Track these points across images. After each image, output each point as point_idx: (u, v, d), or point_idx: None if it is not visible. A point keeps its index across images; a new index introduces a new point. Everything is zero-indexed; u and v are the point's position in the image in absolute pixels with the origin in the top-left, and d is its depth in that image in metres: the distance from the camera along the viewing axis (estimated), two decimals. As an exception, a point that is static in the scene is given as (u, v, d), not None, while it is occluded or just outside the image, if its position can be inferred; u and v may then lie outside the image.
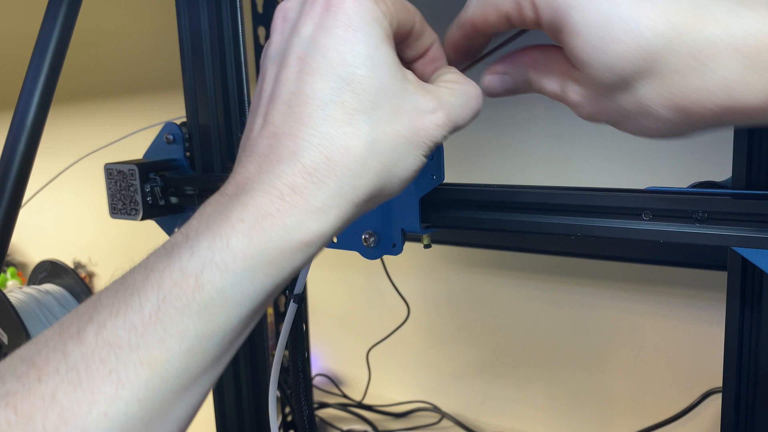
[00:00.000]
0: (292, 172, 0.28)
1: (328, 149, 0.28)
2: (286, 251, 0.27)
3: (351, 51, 0.28)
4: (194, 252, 0.27)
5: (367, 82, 0.29)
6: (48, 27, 0.52)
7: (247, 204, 0.27)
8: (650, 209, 0.36)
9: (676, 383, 0.81)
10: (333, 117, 0.28)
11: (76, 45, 0.55)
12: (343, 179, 0.28)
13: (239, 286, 0.27)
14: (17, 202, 0.52)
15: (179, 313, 0.26)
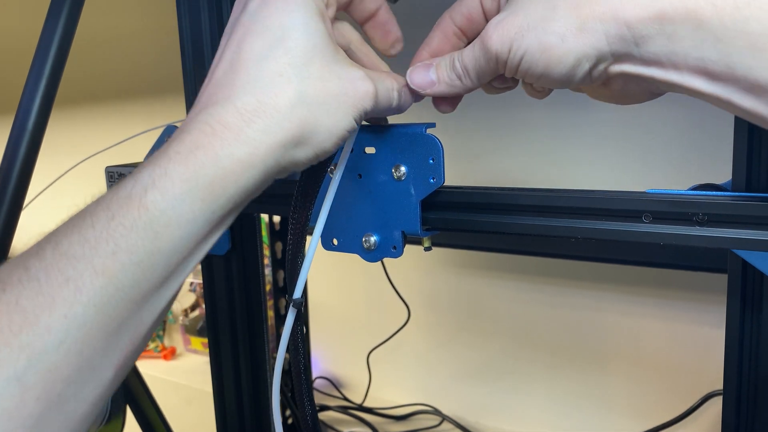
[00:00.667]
0: (225, 112, 0.32)
1: (259, 94, 0.32)
2: (218, 177, 0.31)
3: (287, 17, 0.33)
4: (137, 180, 0.31)
5: (300, 43, 0.33)
6: (49, 30, 0.52)
7: (184, 139, 0.31)
8: (650, 212, 0.36)
9: (676, 386, 0.81)
10: (267, 68, 0.32)
11: (78, 48, 0.55)
12: (272, 120, 0.32)
13: (179, 208, 0.30)
14: (18, 205, 0.52)
15: (127, 230, 0.29)
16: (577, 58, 0.31)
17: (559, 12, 0.31)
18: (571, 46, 0.31)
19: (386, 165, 0.42)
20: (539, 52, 0.32)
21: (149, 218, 0.30)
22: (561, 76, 0.33)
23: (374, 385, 1.04)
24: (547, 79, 0.33)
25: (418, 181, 0.41)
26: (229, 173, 0.31)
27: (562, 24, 0.31)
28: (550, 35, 0.31)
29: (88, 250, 0.29)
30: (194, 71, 0.57)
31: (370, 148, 0.43)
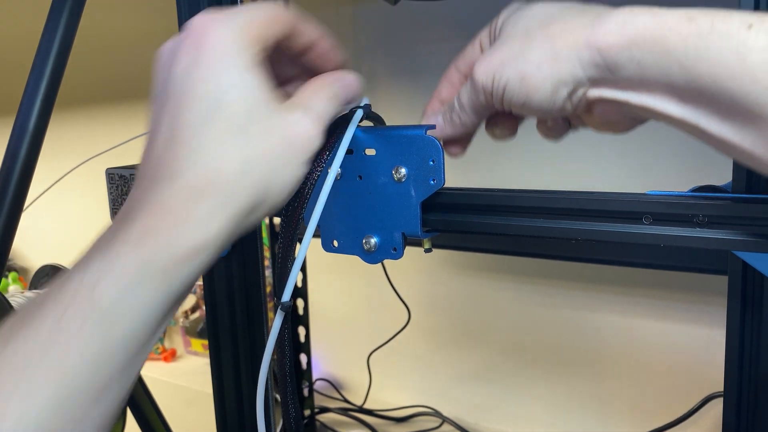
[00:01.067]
0: (171, 191, 0.30)
1: (204, 168, 0.30)
2: (172, 261, 0.30)
3: (219, 80, 0.31)
4: (87, 271, 0.29)
5: (237, 106, 0.31)
6: (50, 32, 0.52)
7: (133, 223, 0.30)
8: (651, 213, 0.36)
9: (677, 387, 0.81)
10: (207, 138, 0.31)
11: (78, 49, 0.55)
12: (221, 194, 0.30)
13: (132, 297, 0.29)
14: (19, 206, 0.52)
15: (78, 327, 0.28)
16: (553, 84, 0.33)
17: (535, 43, 0.33)
18: (546, 73, 0.33)
19: (386, 166, 0.42)
20: (518, 81, 0.34)
21: (101, 312, 0.28)
22: (541, 102, 0.34)
23: (374, 387, 1.04)
24: (530, 107, 0.35)
25: (419, 182, 0.41)
26: (185, 253, 0.30)
27: (538, 54, 0.33)
28: (527, 64, 0.33)
29: (39, 350, 0.27)
30: (195, 73, 0.57)
31: (370, 149, 0.43)
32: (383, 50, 0.97)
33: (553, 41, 0.33)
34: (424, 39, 0.91)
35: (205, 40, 0.31)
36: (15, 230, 0.53)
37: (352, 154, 0.44)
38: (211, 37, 0.31)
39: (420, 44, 0.92)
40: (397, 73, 0.96)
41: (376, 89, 0.98)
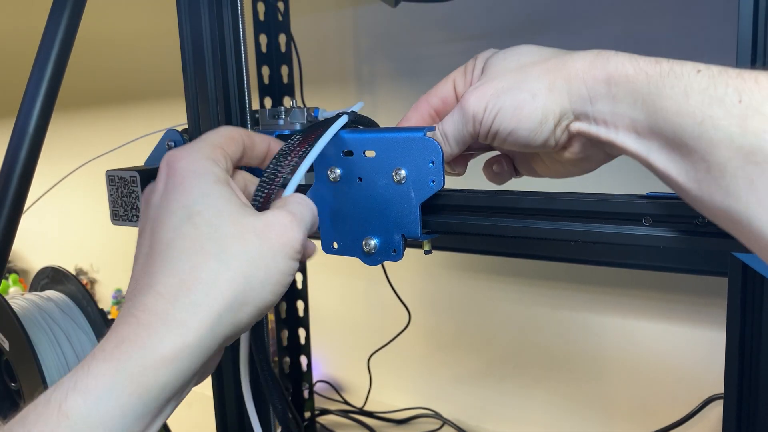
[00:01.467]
0: (147, 298, 0.31)
1: (179, 272, 0.31)
2: (149, 367, 0.29)
3: (187, 196, 0.33)
4: (58, 386, 0.28)
5: (204, 215, 0.33)
6: (51, 33, 0.52)
7: (109, 337, 0.30)
8: (650, 215, 0.36)
9: (677, 389, 0.81)
10: (180, 247, 0.32)
11: (79, 52, 0.55)
12: (198, 294, 0.31)
13: (103, 408, 0.28)
14: (19, 208, 0.52)
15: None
16: (544, 114, 0.35)
17: (532, 75, 0.36)
18: (540, 103, 0.35)
19: (386, 168, 0.42)
20: (512, 108, 0.36)
21: (68, 425, 0.27)
22: (529, 132, 0.36)
23: (375, 389, 1.04)
24: (515, 136, 0.37)
25: (418, 184, 0.41)
26: (159, 359, 0.29)
27: (535, 84, 0.36)
28: (524, 93, 0.36)
29: None
30: (194, 75, 0.57)
31: (370, 151, 0.43)
32: (384, 52, 0.97)
33: (549, 74, 0.35)
34: (424, 41, 0.91)
35: (175, 168, 0.34)
36: (15, 232, 0.53)
37: (352, 156, 0.44)
38: (180, 164, 0.34)
39: (420, 46, 0.92)
40: (398, 75, 0.96)
41: (377, 91, 0.98)
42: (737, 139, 0.27)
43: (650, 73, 0.31)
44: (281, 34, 0.88)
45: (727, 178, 0.27)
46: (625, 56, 0.33)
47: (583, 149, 0.38)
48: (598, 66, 0.33)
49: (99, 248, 1.47)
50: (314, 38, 1.00)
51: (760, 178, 0.26)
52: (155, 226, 0.33)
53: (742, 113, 0.27)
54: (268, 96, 0.88)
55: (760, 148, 0.26)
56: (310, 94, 0.90)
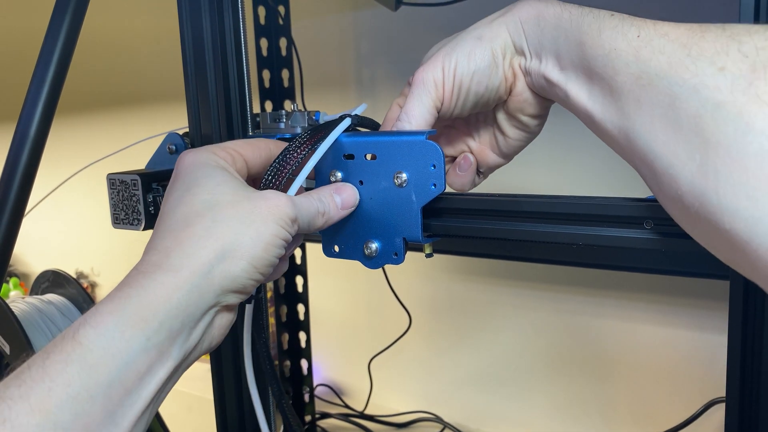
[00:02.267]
0: (147, 257, 0.35)
1: (176, 232, 0.36)
2: (147, 304, 0.33)
3: (190, 176, 0.38)
4: (71, 325, 0.33)
5: (203, 185, 0.37)
6: (52, 37, 0.52)
7: (115, 288, 0.34)
8: (652, 218, 0.36)
9: (678, 393, 0.81)
10: (179, 213, 0.36)
11: (79, 55, 0.55)
12: (190, 246, 0.35)
13: (110, 338, 0.32)
14: (20, 211, 0.52)
15: (62, 366, 0.30)
16: (493, 50, 0.40)
17: (472, 27, 0.41)
18: (486, 42, 0.40)
19: (387, 172, 0.43)
20: (466, 55, 0.40)
21: (82, 352, 0.31)
22: (486, 70, 0.40)
23: (375, 393, 1.04)
24: (478, 80, 0.40)
25: (420, 187, 0.41)
26: (155, 297, 0.33)
27: (476, 31, 0.41)
28: (470, 39, 0.40)
29: (25, 390, 0.30)
30: (196, 79, 0.57)
31: (372, 154, 0.43)
32: (384, 56, 0.97)
33: (484, 23, 0.41)
34: (424, 45, 0.91)
35: (182, 161, 0.39)
36: (16, 236, 0.53)
37: (353, 159, 0.44)
38: (186, 158, 0.39)
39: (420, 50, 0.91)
40: (398, 78, 0.96)
41: (377, 95, 0.98)
42: (632, 65, 0.31)
43: (573, 13, 0.36)
44: (282, 38, 0.88)
45: (622, 99, 0.32)
46: (557, 1, 0.38)
47: (522, 92, 0.41)
48: (532, 6, 0.38)
49: (100, 252, 1.47)
50: (315, 42, 1.00)
51: (644, 97, 0.31)
52: (162, 206, 0.38)
53: (638, 45, 0.31)
54: (269, 99, 0.88)
55: (646, 72, 0.31)
56: (310, 98, 0.90)
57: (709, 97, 0.27)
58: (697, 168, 0.28)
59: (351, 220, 0.45)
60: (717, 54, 0.28)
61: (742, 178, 0.26)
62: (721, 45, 0.28)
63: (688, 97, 0.28)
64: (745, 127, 0.26)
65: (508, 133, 0.44)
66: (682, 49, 0.29)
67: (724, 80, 0.27)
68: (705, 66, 0.28)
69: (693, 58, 0.29)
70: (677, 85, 0.29)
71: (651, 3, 0.73)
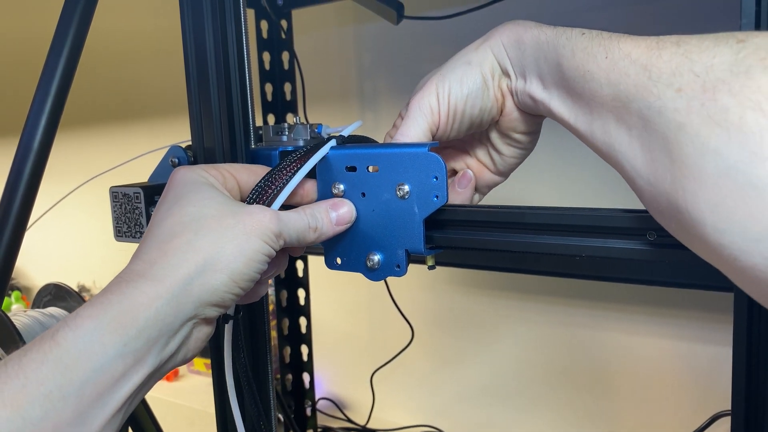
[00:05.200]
0: (131, 266, 0.36)
1: (161, 244, 0.36)
2: (127, 311, 0.34)
3: (179, 190, 0.39)
4: (51, 327, 0.33)
5: (191, 199, 0.38)
6: (56, 50, 0.52)
7: (98, 293, 0.35)
8: (655, 229, 0.36)
9: (683, 406, 0.80)
10: (165, 226, 0.37)
11: (82, 68, 0.55)
12: (173, 257, 0.36)
13: (89, 341, 0.32)
14: (22, 225, 0.52)
15: (38, 364, 0.31)
16: (482, 73, 0.42)
17: (455, 59, 0.43)
18: (475, 66, 0.42)
19: (390, 184, 0.43)
20: (458, 82, 0.42)
21: (59, 352, 0.32)
22: (478, 93, 0.42)
23: (378, 406, 1.03)
24: (472, 104, 0.42)
25: (422, 199, 0.41)
26: (135, 304, 0.34)
27: (464, 56, 0.42)
28: (460, 65, 0.42)
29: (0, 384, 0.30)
30: (199, 91, 0.57)
31: (374, 166, 0.43)
32: (386, 69, 0.98)
33: (470, 48, 0.43)
34: (425, 58, 0.92)
35: (174, 178, 0.41)
36: (18, 249, 0.53)
37: (356, 171, 0.44)
38: (178, 175, 0.41)
39: (422, 63, 0.92)
40: (400, 91, 0.96)
41: (379, 108, 0.99)
42: (605, 87, 0.33)
43: (548, 34, 0.38)
44: (284, 52, 0.88)
45: (602, 118, 0.34)
46: (533, 23, 0.40)
47: (510, 111, 0.43)
48: (512, 30, 0.40)
49: (102, 265, 1.47)
50: (317, 55, 1.01)
51: (620, 118, 0.32)
52: (152, 218, 0.39)
53: (606, 67, 0.33)
54: (272, 113, 0.89)
55: (617, 95, 0.32)
56: (313, 111, 0.90)
57: (671, 119, 0.29)
58: (669, 186, 0.29)
59: (353, 232, 0.45)
60: (673, 75, 0.29)
61: (705, 195, 0.27)
62: (676, 64, 0.29)
63: (655, 120, 0.30)
64: (701, 147, 0.27)
65: (503, 150, 0.46)
66: (643, 71, 0.31)
67: (681, 102, 0.28)
68: (664, 88, 0.29)
69: (654, 81, 0.30)
70: (646, 108, 0.30)
71: (651, 4, 0.74)
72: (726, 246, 0.27)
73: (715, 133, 0.26)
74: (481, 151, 0.47)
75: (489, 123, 0.44)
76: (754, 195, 0.25)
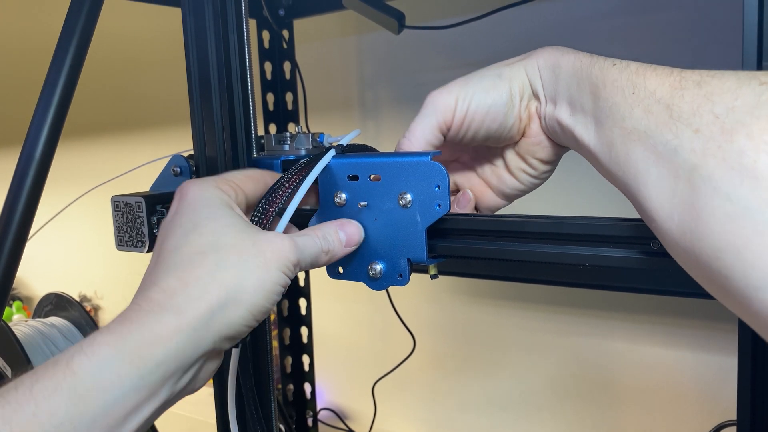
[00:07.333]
0: (149, 293, 0.35)
1: (180, 273, 0.35)
2: (146, 343, 0.33)
3: (196, 214, 0.38)
4: (66, 350, 0.32)
5: (210, 225, 0.37)
6: (58, 60, 0.52)
7: (114, 320, 0.34)
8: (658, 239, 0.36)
9: (688, 415, 0.79)
10: (183, 252, 0.36)
11: (84, 78, 0.55)
12: (194, 289, 0.35)
13: (105, 372, 0.31)
14: (24, 234, 0.52)
15: (50, 392, 0.30)
16: (511, 89, 0.41)
17: (492, 66, 0.42)
18: (505, 81, 0.41)
19: (392, 192, 0.42)
20: (484, 91, 0.41)
21: (74, 381, 0.31)
22: (502, 107, 0.41)
23: (379, 417, 1.02)
24: (492, 117, 0.41)
25: (424, 208, 0.41)
26: (156, 337, 0.33)
27: (497, 69, 0.42)
28: (490, 76, 0.42)
29: (8, 412, 0.29)
30: (201, 101, 0.57)
31: (376, 175, 0.43)
32: (387, 79, 0.98)
33: (504, 63, 0.42)
34: (427, 67, 0.92)
35: (186, 194, 0.39)
36: (20, 259, 0.53)
37: (358, 180, 0.44)
38: (191, 191, 0.39)
39: (423, 73, 0.92)
40: (401, 101, 0.96)
41: (380, 117, 0.99)
42: (627, 120, 0.33)
43: (584, 62, 0.38)
44: (286, 62, 0.88)
45: (618, 150, 0.34)
46: (571, 50, 0.40)
47: (535, 132, 0.42)
48: (552, 54, 0.40)
49: (103, 275, 1.47)
50: (319, 65, 1.01)
51: (635, 152, 0.32)
52: (163, 239, 0.38)
53: (632, 102, 0.33)
54: (273, 122, 0.89)
55: (636, 129, 0.32)
56: (314, 121, 0.91)
57: (686, 160, 0.29)
58: (676, 226, 0.29)
59: (355, 241, 0.45)
60: (693, 115, 0.29)
61: (711, 240, 0.27)
62: (696, 105, 0.29)
63: (670, 158, 0.30)
64: (712, 191, 0.27)
65: (517, 174, 0.45)
66: (665, 110, 0.31)
67: (698, 143, 0.28)
68: (683, 128, 0.29)
69: (674, 120, 0.30)
70: (662, 144, 0.30)
71: (651, 15, 0.74)
72: (731, 291, 0.27)
73: (728, 176, 0.26)
74: (489, 170, 0.46)
75: (507, 142, 0.44)
76: (758, 242, 0.25)
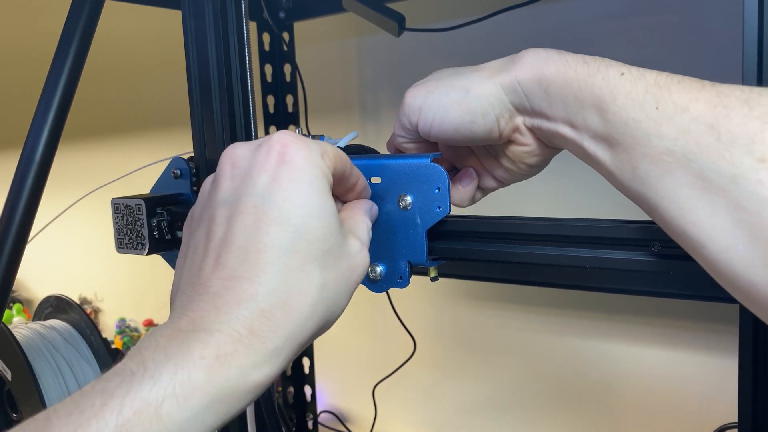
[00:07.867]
0: (251, 316, 0.30)
1: (284, 294, 0.31)
2: (240, 391, 0.29)
3: (305, 203, 0.32)
4: (156, 383, 0.27)
5: (318, 232, 0.32)
6: (59, 62, 0.53)
7: (208, 342, 0.29)
8: (659, 240, 0.36)
9: (689, 418, 0.79)
10: (289, 264, 0.31)
11: (84, 81, 0.55)
12: (297, 323, 0.31)
13: (194, 421, 0.28)
14: (24, 237, 0.52)
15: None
16: (481, 108, 0.38)
17: (466, 75, 0.39)
18: (472, 98, 0.38)
19: (392, 194, 0.42)
20: (444, 110, 0.39)
21: (159, 427, 0.27)
22: (470, 124, 0.38)
23: (380, 419, 1.02)
24: (462, 135, 0.39)
25: (424, 210, 0.41)
26: (250, 386, 0.29)
27: (467, 82, 0.38)
28: (457, 91, 0.38)
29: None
30: (201, 103, 0.57)
31: (376, 177, 0.43)
32: (387, 81, 0.98)
33: (477, 76, 0.39)
34: (427, 70, 0.92)
35: (290, 158, 0.32)
36: (20, 261, 0.53)
37: (358, 182, 0.44)
38: (296, 157, 0.32)
39: (423, 75, 0.92)
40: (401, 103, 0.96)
41: (380, 120, 0.99)
42: (654, 140, 0.31)
43: (579, 71, 0.34)
44: (286, 64, 0.89)
45: (643, 169, 0.32)
46: (553, 53, 0.36)
47: (533, 140, 0.40)
48: (532, 65, 0.36)
49: (103, 277, 1.47)
50: (319, 68, 1.01)
51: (670, 175, 0.30)
52: (263, 220, 0.31)
53: (657, 119, 0.31)
54: (274, 124, 0.89)
55: (671, 150, 0.30)
56: (314, 123, 0.91)
57: (753, 191, 0.27)
58: (740, 258, 0.28)
59: (356, 243, 0.45)
60: (752, 141, 0.27)
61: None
62: (753, 129, 0.27)
63: (726, 186, 0.28)
64: None
65: (510, 168, 0.43)
66: (709, 131, 0.29)
67: (766, 174, 0.27)
68: (742, 155, 0.27)
69: (726, 145, 0.28)
70: (711, 170, 0.28)
71: (651, 17, 0.74)
72: None
73: None
74: (487, 156, 0.45)
75: (490, 144, 0.42)
76: None
